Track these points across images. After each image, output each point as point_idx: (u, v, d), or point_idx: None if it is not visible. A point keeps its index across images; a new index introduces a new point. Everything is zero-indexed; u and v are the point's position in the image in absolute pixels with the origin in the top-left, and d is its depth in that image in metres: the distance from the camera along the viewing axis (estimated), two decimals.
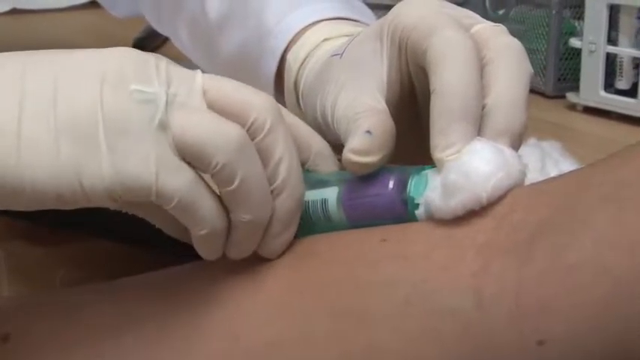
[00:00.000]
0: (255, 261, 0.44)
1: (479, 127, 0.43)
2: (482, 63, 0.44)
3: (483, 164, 0.40)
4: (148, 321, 0.44)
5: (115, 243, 0.61)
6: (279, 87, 0.66)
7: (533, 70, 0.46)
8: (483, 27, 0.47)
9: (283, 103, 0.65)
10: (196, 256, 0.44)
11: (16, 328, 0.45)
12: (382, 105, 0.46)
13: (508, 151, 0.42)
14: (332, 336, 0.40)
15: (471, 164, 0.40)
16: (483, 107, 0.43)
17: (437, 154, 0.42)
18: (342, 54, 0.52)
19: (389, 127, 0.45)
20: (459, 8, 0.49)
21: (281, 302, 0.42)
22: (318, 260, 0.43)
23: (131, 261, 0.58)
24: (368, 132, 0.44)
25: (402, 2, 0.49)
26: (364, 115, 0.45)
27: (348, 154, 0.44)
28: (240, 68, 0.69)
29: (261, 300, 0.42)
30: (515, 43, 0.46)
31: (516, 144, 0.44)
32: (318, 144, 0.47)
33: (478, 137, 0.42)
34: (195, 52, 0.78)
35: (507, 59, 0.45)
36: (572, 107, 0.94)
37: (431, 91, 0.43)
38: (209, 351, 0.42)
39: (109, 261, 0.60)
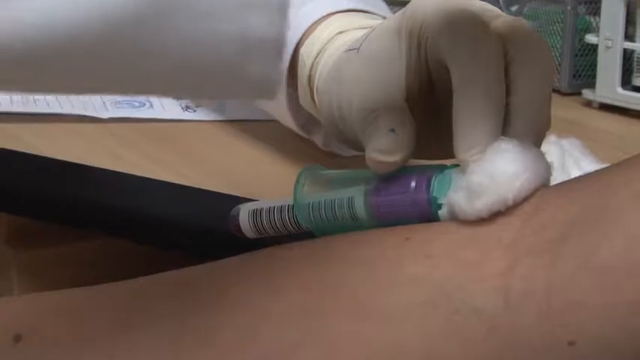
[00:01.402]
0: (274, 261, 0.43)
1: (502, 125, 0.42)
2: (505, 59, 0.43)
3: (508, 165, 0.39)
4: (165, 321, 0.43)
5: (125, 242, 0.60)
6: (290, 82, 0.65)
7: (555, 65, 0.45)
8: (505, 21, 0.46)
9: (295, 98, 0.64)
10: (208, 255, 0.43)
11: (28, 328, 0.44)
12: (402, 101, 0.46)
13: (533, 150, 0.41)
14: (354, 335, 0.39)
15: (496, 165, 0.40)
16: (507, 105, 0.42)
17: (460, 154, 0.41)
18: (358, 49, 0.51)
19: (411, 125, 0.44)
20: (478, 1, 0.48)
21: (301, 302, 0.41)
22: (338, 259, 0.42)
23: (141, 260, 0.57)
24: (392, 130, 0.43)
25: None
26: (385, 112, 0.44)
27: (373, 154, 0.43)
28: None
29: (281, 300, 0.41)
30: (537, 38, 0.45)
31: (540, 142, 0.43)
32: None
33: (502, 137, 0.41)
34: None
35: (530, 55, 0.44)
36: (588, 104, 0.92)
37: (453, 89, 0.42)
38: (229, 352, 0.41)
39: (119, 260, 0.60)
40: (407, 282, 0.39)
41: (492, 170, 0.39)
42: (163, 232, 0.46)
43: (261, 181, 0.65)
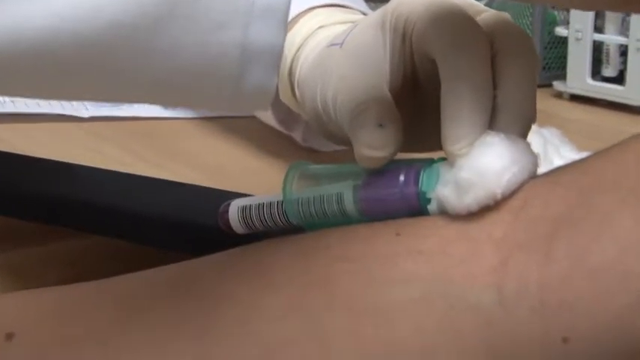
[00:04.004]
0: (264, 256, 0.43)
1: (489, 118, 0.42)
2: (491, 52, 0.44)
3: (496, 159, 0.40)
4: (158, 319, 0.43)
5: (112, 240, 0.60)
6: None
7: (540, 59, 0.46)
8: (489, 15, 0.46)
9: (276, 94, 0.64)
10: (196, 252, 0.43)
11: (20, 326, 0.44)
12: (388, 95, 0.46)
13: (520, 143, 0.41)
14: (349, 331, 0.39)
15: (484, 160, 0.40)
16: (494, 98, 0.43)
17: (448, 146, 0.41)
18: (341, 43, 0.51)
19: (398, 119, 0.44)
20: None
21: (294, 298, 0.41)
22: (330, 255, 0.42)
23: (128, 257, 0.57)
24: (380, 125, 0.43)
25: None
26: (372, 107, 0.45)
27: (362, 149, 0.43)
28: None
29: (273, 296, 0.41)
30: (522, 32, 0.45)
31: (526, 134, 0.43)
32: None
33: (489, 130, 0.41)
34: None
35: (515, 49, 0.44)
36: (559, 96, 0.94)
37: (441, 83, 0.43)
38: (222, 350, 0.41)
39: (106, 258, 0.60)
40: (400, 278, 0.39)
41: (480, 165, 0.40)
42: (151, 229, 0.46)
43: (245, 176, 0.65)
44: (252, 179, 0.64)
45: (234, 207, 0.47)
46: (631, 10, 0.41)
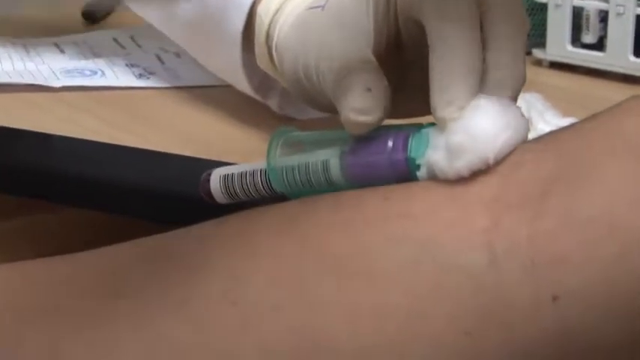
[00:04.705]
0: (249, 224, 0.42)
1: (479, 81, 0.41)
2: (479, 13, 0.43)
3: (489, 123, 0.39)
4: (138, 293, 0.42)
5: (92, 212, 0.59)
6: (246, 46, 0.63)
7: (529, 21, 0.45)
8: None
9: (251, 63, 0.63)
10: (178, 223, 0.42)
11: (1, 301, 0.43)
12: (373, 59, 0.45)
13: (512, 106, 0.41)
14: (338, 298, 0.39)
15: (477, 124, 0.39)
16: (483, 61, 0.42)
17: (439, 112, 0.40)
18: (323, 6, 0.50)
19: (386, 83, 0.43)
20: None
21: (281, 266, 0.40)
22: (317, 221, 0.41)
23: (109, 230, 0.56)
24: (367, 89, 0.42)
25: None
26: (359, 71, 0.44)
27: (349, 114, 0.42)
28: (200, 29, 0.67)
29: (260, 264, 0.41)
30: None
31: (516, 97, 0.43)
32: None
33: (480, 94, 0.40)
34: (152, 12, 0.75)
35: (505, 9, 0.43)
36: (539, 63, 0.93)
37: (429, 45, 0.42)
38: (207, 318, 0.40)
39: (86, 231, 0.59)
40: (390, 243, 0.39)
41: (472, 129, 0.39)
42: (131, 200, 0.45)
43: (221, 144, 0.64)
44: (228, 148, 0.63)
45: (216, 175, 0.46)
46: None
